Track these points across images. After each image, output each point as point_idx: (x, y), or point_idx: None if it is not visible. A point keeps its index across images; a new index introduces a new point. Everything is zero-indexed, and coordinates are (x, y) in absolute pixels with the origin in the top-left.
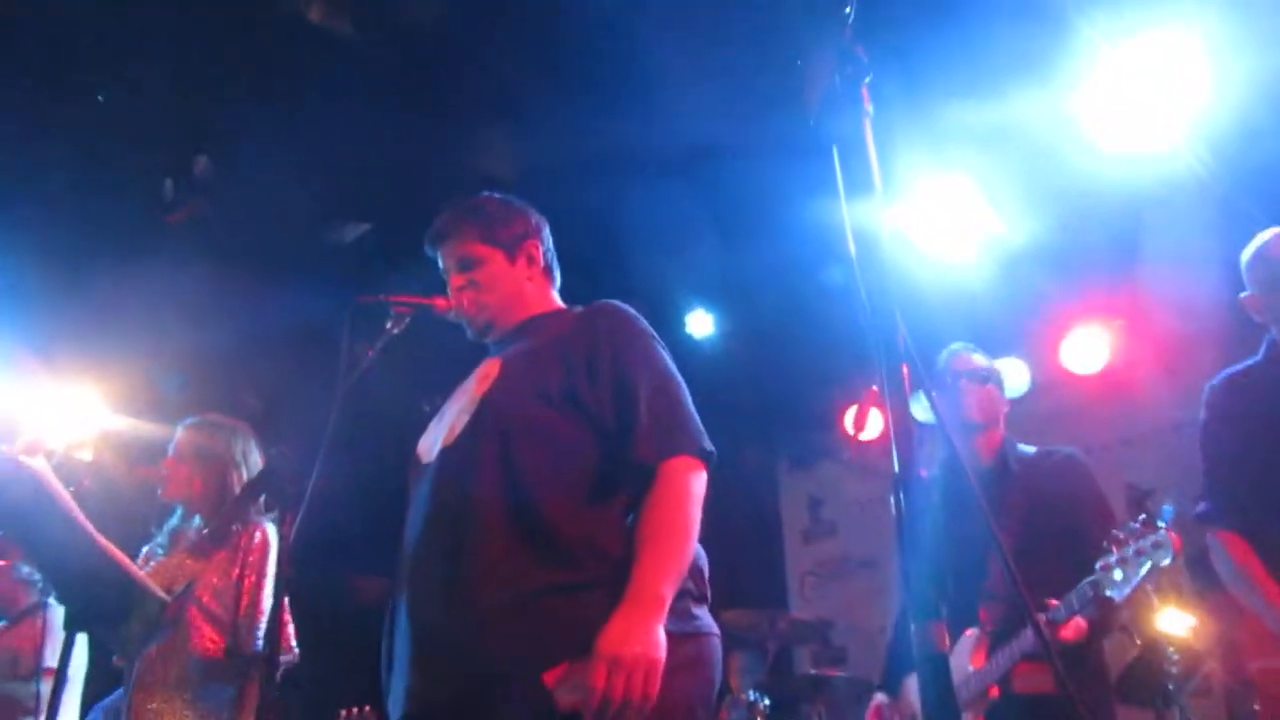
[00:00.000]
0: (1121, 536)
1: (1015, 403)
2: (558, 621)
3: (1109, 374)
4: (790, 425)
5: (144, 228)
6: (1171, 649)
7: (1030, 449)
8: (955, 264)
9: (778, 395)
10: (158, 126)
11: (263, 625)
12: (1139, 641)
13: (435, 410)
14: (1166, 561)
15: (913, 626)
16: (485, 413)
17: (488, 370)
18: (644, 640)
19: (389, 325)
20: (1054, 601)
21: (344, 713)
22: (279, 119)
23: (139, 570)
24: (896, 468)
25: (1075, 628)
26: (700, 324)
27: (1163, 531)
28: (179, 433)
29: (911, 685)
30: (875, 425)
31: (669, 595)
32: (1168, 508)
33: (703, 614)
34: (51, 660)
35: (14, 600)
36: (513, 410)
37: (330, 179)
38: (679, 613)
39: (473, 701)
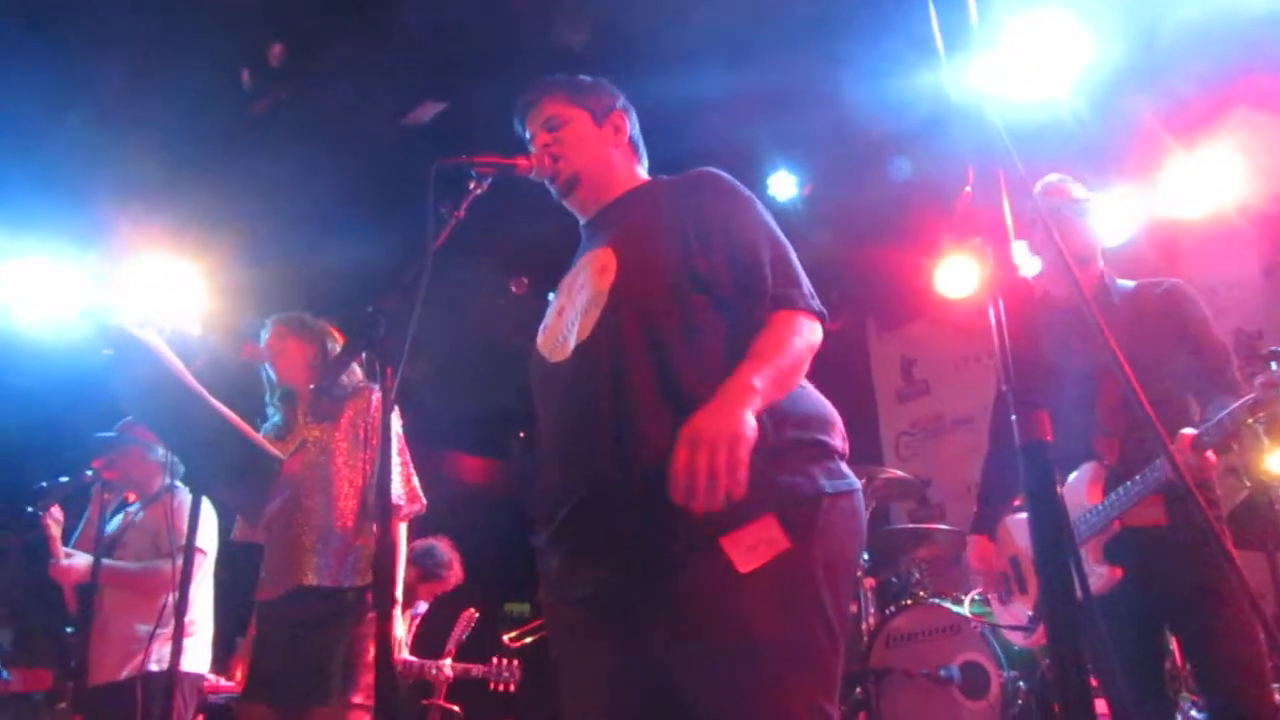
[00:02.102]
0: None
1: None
2: (738, 496)
3: (1214, 215)
4: (878, 286)
5: (230, 118)
6: None
7: (1130, 283)
8: (1051, 104)
9: (863, 256)
10: (231, 17)
11: (394, 484)
12: (1248, 484)
13: (522, 292)
14: None
15: (1013, 415)
16: (619, 305)
17: (603, 261)
18: (726, 418)
19: (472, 185)
20: (1190, 432)
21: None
22: (350, 3)
23: (252, 430)
24: (993, 265)
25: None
26: (783, 185)
27: None
28: (268, 327)
29: (1008, 525)
30: (966, 282)
31: (761, 389)
32: None
33: (849, 470)
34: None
35: (148, 482)
36: (647, 300)
37: (405, 60)
38: (831, 472)
39: (659, 573)
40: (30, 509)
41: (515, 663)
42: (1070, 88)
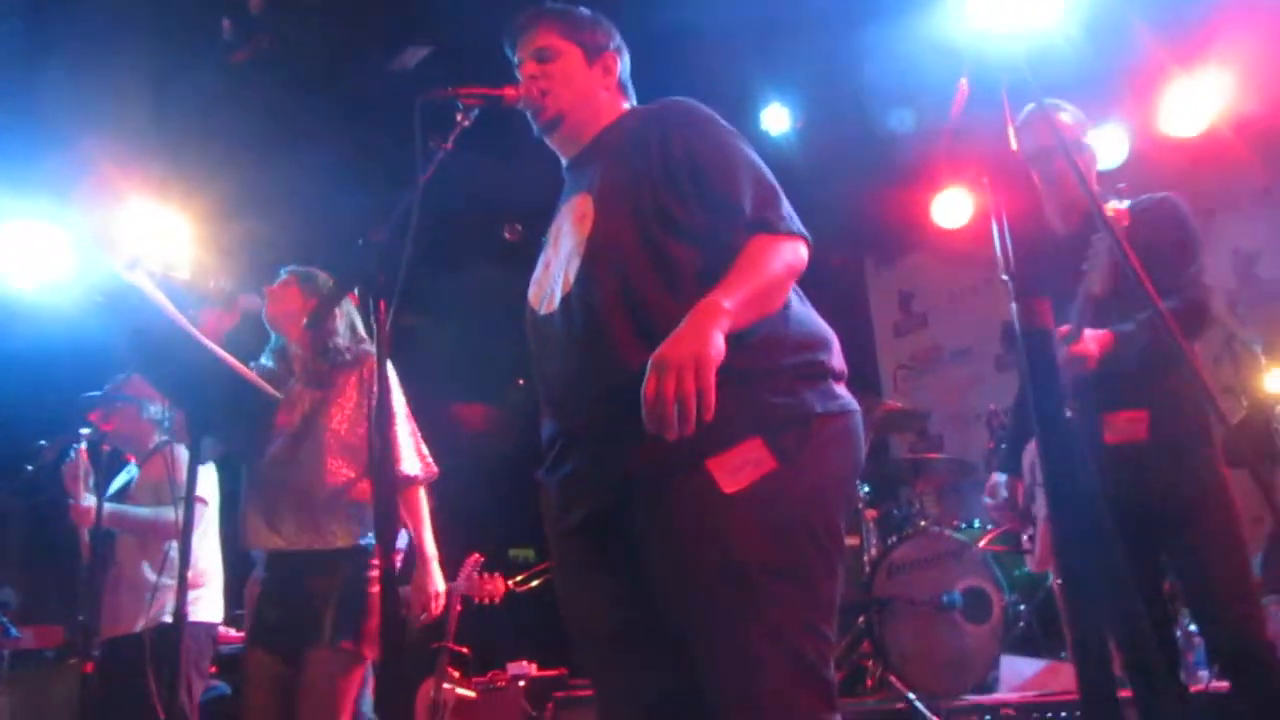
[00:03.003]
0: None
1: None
2: (708, 419)
3: (1211, 135)
4: (875, 219)
5: (213, 66)
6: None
7: (1124, 204)
8: (1042, 24)
9: (860, 190)
10: None
11: (408, 455)
12: (1245, 402)
13: (516, 239)
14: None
15: (1013, 304)
16: (597, 256)
17: (582, 209)
18: (693, 341)
19: (459, 118)
20: (1063, 328)
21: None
22: None
23: (245, 368)
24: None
25: (1097, 340)
26: (777, 119)
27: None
28: (281, 275)
29: (1028, 455)
30: (963, 212)
31: (732, 309)
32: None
33: (844, 392)
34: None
35: (143, 439)
36: (623, 249)
37: (388, 3)
38: (824, 392)
39: (647, 497)
40: (30, 468)
41: (498, 575)
42: (1063, 10)
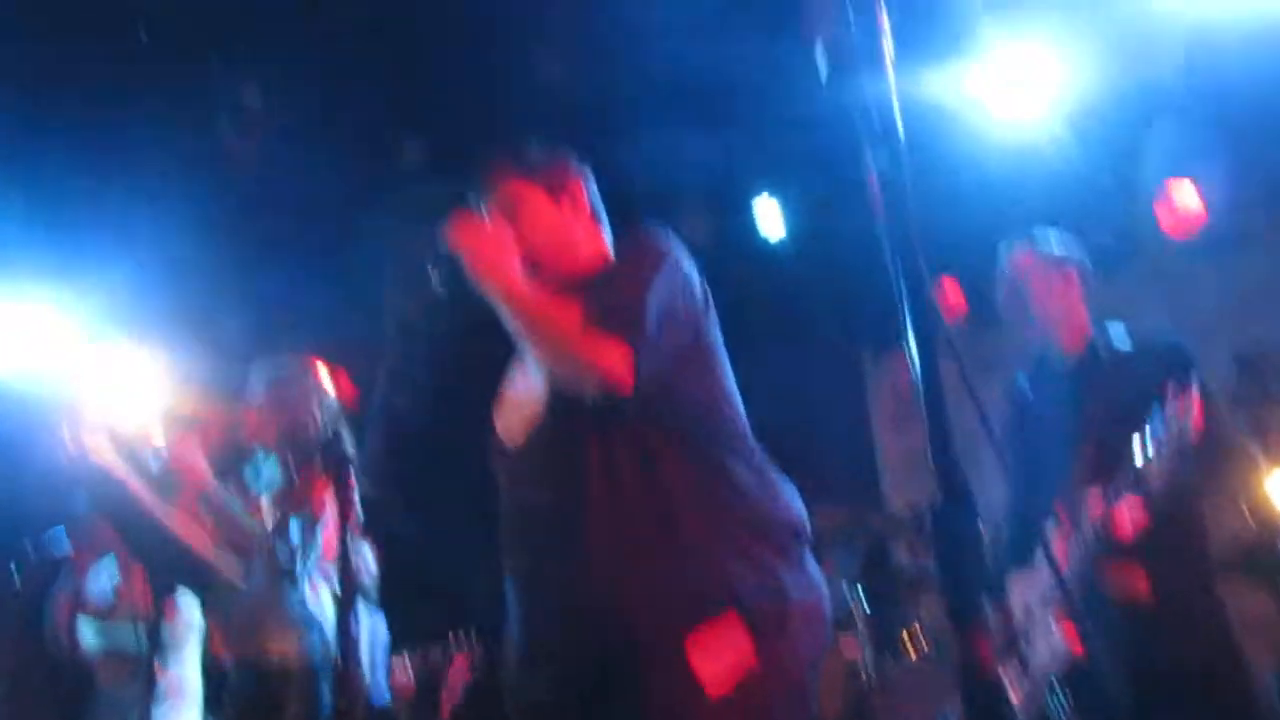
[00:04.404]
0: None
1: (1111, 274)
2: (686, 588)
3: (1211, 229)
4: (874, 312)
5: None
6: None
7: (1125, 337)
8: (1034, 137)
9: (857, 284)
10: (204, 56)
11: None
12: (1246, 510)
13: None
14: (1187, 426)
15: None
16: (559, 403)
17: None
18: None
19: (432, 276)
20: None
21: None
22: (323, 44)
23: (211, 549)
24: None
25: (1130, 513)
26: (770, 221)
27: (1189, 396)
28: (253, 378)
29: (1016, 584)
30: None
31: (516, 295)
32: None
33: (813, 567)
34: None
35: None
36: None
37: (381, 102)
38: (798, 572)
39: (623, 671)
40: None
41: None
42: (1054, 123)
